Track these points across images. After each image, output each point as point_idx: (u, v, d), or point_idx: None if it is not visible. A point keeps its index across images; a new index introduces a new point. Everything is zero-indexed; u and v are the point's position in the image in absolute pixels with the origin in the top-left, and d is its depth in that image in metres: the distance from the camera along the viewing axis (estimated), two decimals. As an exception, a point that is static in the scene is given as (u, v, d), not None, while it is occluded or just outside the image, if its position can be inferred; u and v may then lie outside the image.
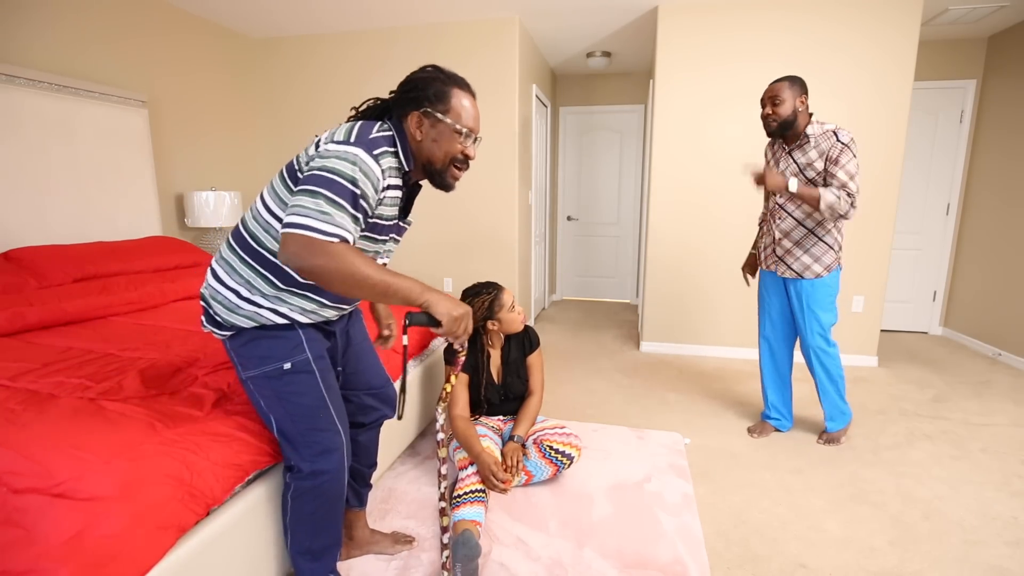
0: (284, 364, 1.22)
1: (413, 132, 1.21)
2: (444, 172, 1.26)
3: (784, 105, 2.14)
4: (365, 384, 1.52)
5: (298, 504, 1.25)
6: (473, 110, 1.26)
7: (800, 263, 2.25)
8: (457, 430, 1.97)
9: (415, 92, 1.22)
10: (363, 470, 1.60)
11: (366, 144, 1.12)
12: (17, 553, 0.93)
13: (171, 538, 1.06)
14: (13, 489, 1.02)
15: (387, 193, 1.19)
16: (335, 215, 1.05)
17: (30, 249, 2.38)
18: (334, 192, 1.05)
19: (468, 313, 1.16)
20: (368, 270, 1.05)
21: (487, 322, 2.07)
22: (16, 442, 1.12)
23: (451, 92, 1.23)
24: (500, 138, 3.79)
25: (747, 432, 2.51)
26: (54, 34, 2.69)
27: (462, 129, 1.22)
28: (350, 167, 1.08)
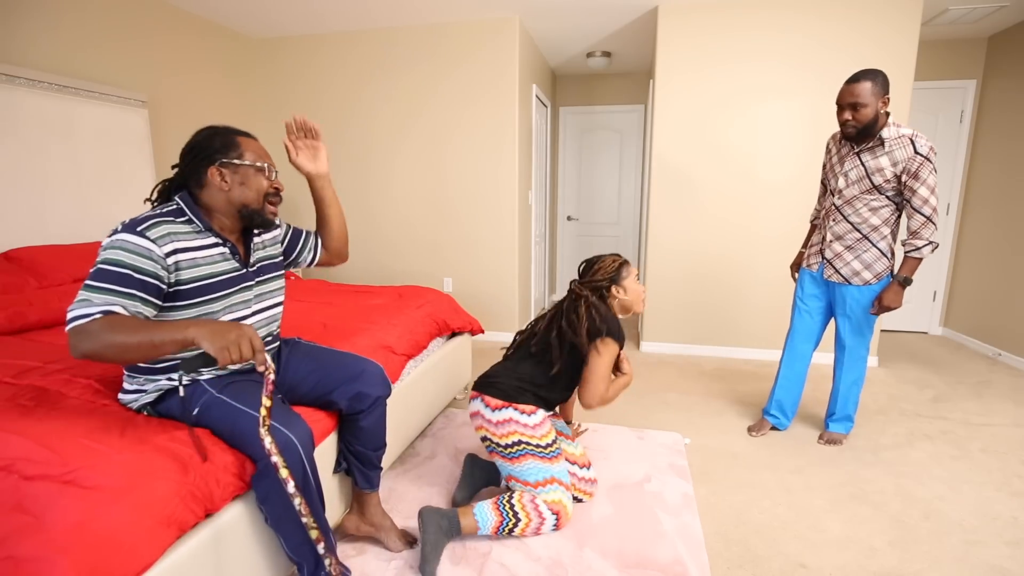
0: (194, 410, 1.29)
1: (219, 186, 1.30)
2: (261, 210, 1.36)
3: (867, 110, 1.96)
4: (337, 381, 1.53)
5: (269, 505, 1.25)
6: (260, 148, 1.38)
7: (849, 268, 2.18)
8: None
9: (202, 153, 1.31)
10: (369, 453, 1.62)
11: (132, 225, 1.20)
12: (25, 539, 0.93)
13: (171, 535, 1.07)
14: (25, 476, 1.03)
15: (195, 254, 1.27)
16: (94, 297, 1.11)
17: (30, 249, 2.38)
18: (96, 279, 1.13)
19: (244, 334, 1.10)
20: (124, 335, 1.08)
21: (612, 287, 1.82)
22: (30, 432, 1.14)
23: (235, 139, 1.33)
24: (500, 138, 3.79)
25: (747, 431, 2.51)
26: (54, 34, 2.69)
27: (262, 165, 1.34)
28: (113, 252, 1.16)
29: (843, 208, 2.17)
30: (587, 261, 1.90)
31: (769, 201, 3.46)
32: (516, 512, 1.66)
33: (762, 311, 3.58)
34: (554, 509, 1.69)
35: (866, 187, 2.09)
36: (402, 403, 2.06)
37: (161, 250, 1.20)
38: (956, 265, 4.14)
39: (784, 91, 3.33)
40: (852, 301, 2.21)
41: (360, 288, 2.88)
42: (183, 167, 1.34)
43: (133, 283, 1.15)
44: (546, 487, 1.70)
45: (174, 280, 1.24)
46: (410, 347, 2.17)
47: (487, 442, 1.76)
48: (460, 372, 2.72)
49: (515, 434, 1.70)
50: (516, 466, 1.71)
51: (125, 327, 1.09)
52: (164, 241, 1.21)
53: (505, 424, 1.71)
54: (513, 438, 1.70)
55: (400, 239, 4.15)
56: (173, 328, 1.11)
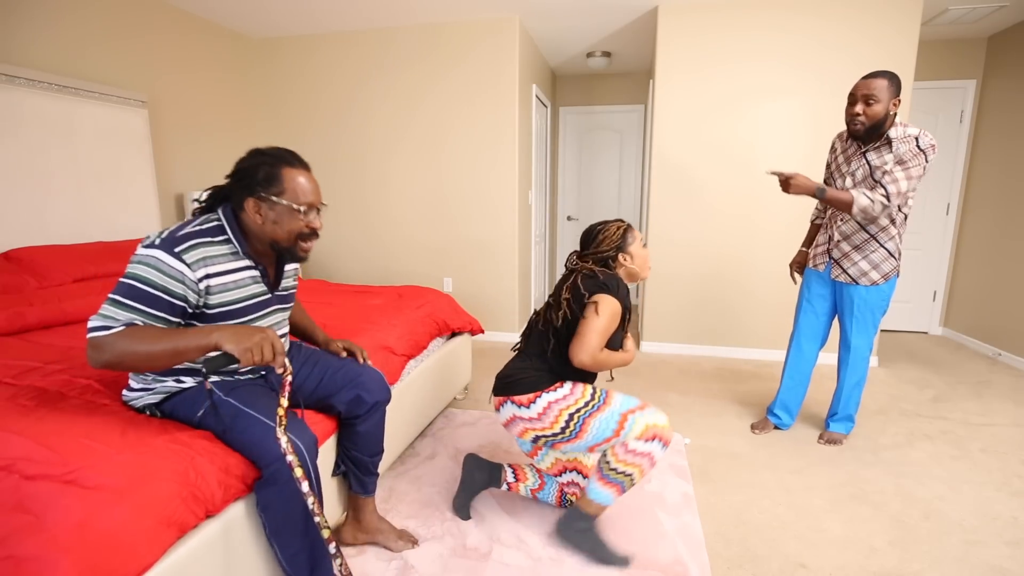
0: (199, 411, 1.29)
1: (253, 217, 1.27)
2: (292, 248, 1.32)
3: (879, 105, 1.96)
4: (337, 386, 1.53)
5: (269, 514, 1.25)
6: (309, 183, 1.30)
7: (857, 268, 2.17)
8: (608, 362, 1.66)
9: (245, 179, 1.27)
10: (365, 459, 1.61)
11: (169, 243, 1.18)
12: (26, 539, 0.93)
13: (172, 536, 1.07)
14: (26, 476, 1.03)
15: (225, 278, 1.25)
16: (119, 314, 1.12)
17: (30, 249, 2.38)
18: (128, 296, 1.14)
19: (265, 337, 1.14)
20: (147, 344, 1.10)
21: (619, 255, 1.74)
22: (31, 432, 1.14)
23: (280, 173, 1.27)
24: (500, 138, 3.79)
25: (750, 428, 2.51)
26: (54, 34, 2.69)
27: (299, 208, 1.27)
28: (144, 269, 1.15)
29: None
30: (588, 230, 1.78)
31: (769, 201, 3.46)
32: (622, 471, 1.57)
33: (762, 311, 3.58)
34: (648, 437, 1.55)
35: (871, 186, 2.08)
36: (402, 403, 2.06)
37: (195, 275, 1.19)
38: (956, 265, 4.14)
39: (784, 91, 3.33)
40: (859, 301, 2.21)
41: (360, 288, 2.88)
42: (230, 185, 1.30)
43: (161, 305, 1.16)
44: (625, 427, 1.56)
45: (203, 303, 1.24)
46: (410, 347, 2.17)
47: (541, 440, 1.66)
48: (460, 372, 2.72)
49: (562, 412, 1.60)
50: (587, 437, 1.59)
51: (146, 337, 1.11)
52: (199, 266, 1.20)
53: (547, 411, 1.61)
54: (563, 417, 1.60)
55: (400, 239, 4.15)
56: (197, 334, 1.13)
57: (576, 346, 1.59)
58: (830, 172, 2.32)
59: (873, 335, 2.26)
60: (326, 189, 4.20)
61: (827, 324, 2.38)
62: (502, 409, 1.69)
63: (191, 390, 1.33)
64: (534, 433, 1.65)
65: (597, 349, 1.58)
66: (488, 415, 2.66)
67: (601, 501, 1.61)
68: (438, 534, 1.74)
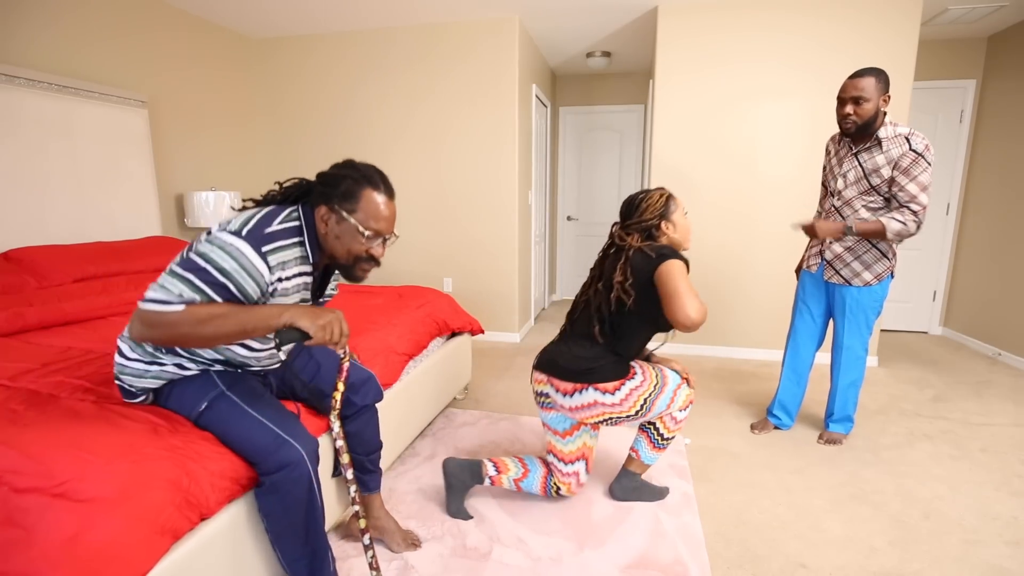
0: (200, 405, 1.26)
1: (319, 224, 1.25)
2: (350, 268, 1.29)
3: (868, 104, 1.96)
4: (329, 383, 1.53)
5: (271, 521, 1.25)
6: (386, 210, 1.26)
7: (849, 269, 2.18)
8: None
9: (328, 186, 1.24)
10: (360, 458, 1.61)
11: (257, 239, 1.15)
12: (16, 554, 0.92)
13: (166, 543, 1.05)
14: (15, 488, 1.01)
15: (287, 283, 1.23)
16: (183, 290, 1.09)
17: (30, 249, 2.38)
18: (199, 278, 1.10)
19: (337, 318, 1.16)
20: (213, 327, 1.09)
21: (662, 223, 1.73)
22: (19, 442, 1.11)
23: (362, 192, 1.24)
24: (500, 138, 3.79)
25: (750, 429, 2.51)
26: (54, 34, 2.69)
27: (365, 232, 1.24)
28: (229, 261, 1.11)
29: (843, 209, 2.17)
30: (629, 200, 1.77)
31: (769, 201, 3.45)
32: (669, 437, 1.84)
33: (762, 311, 3.58)
34: (686, 406, 1.82)
35: (864, 188, 2.09)
36: (402, 403, 2.06)
37: (272, 276, 1.18)
38: (956, 265, 4.14)
39: (784, 91, 3.33)
40: (851, 302, 2.21)
41: (360, 288, 2.88)
42: (316, 184, 1.28)
43: (226, 293, 1.13)
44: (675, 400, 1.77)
45: (261, 301, 1.21)
46: (410, 347, 2.17)
47: (611, 421, 1.75)
48: (460, 372, 2.72)
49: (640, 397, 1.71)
50: (651, 414, 1.77)
51: (212, 318, 1.09)
52: (277, 269, 1.18)
53: (628, 397, 1.70)
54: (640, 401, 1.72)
55: (400, 239, 4.14)
56: (267, 314, 1.12)
57: (677, 310, 1.53)
58: (825, 175, 2.33)
59: (867, 336, 2.26)
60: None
61: (823, 325, 2.39)
62: (579, 395, 1.71)
63: (193, 382, 1.29)
64: (609, 415, 1.73)
65: (699, 305, 1.54)
66: (488, 415, 2.66)
67: (652, 462, 1.90)
68: (438, 534, 1.74)
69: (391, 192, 1.30)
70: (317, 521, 1.29)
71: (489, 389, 3.05)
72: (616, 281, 1.65)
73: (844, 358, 2.29)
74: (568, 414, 1.77)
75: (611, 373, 1.69)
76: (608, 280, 1.70)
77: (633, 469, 1.92)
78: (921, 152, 1.96)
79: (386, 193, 1.28)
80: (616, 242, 1.75)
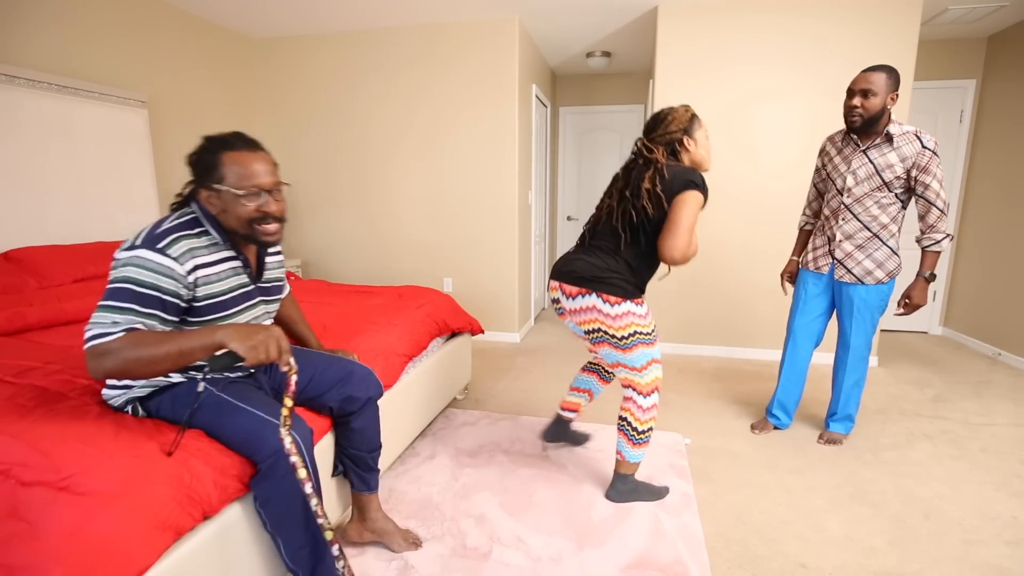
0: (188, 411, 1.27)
1: (210, 209, 1.25)
2: (252, 234, 1.27)
3: (876, 99, 1.98)
4: (328, 384, 1.53)
5: (269, 509, 1.25)
6: (253, 163, 1.24)
7: (861, 268, 2.17)
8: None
9: (195, 172, 1.25)
10: (363, 455, 1.61)
11: (151, 240, 1.16)
12: (19, 547, 0.92)
13: (168, 539, 1.06)
14: (21, 482, 1.02)
15: (210, 270, 1.24)
16: (115, 317, 1.10)
17: (30, 249, 2.38)
18: (120, 300, 1.11)
19: (272, 335, 1.13)
20: (151, 348, 1.09)
21: (685, 138, 1.76)
22: (28, 436, 1.13)
23: (219, 159, 1.22)
24: (500, 138, 3.79)
25: (750, 428, 2.52)
26: (54, 34, 2.69)
27: (240, 192, 1.22)
28: (136, 271, 1.13)
29: (853, 207, 2.16)
30: (655, 114, 1.80)
31: (768, 201, 3.45)
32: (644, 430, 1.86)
33: (762, 311, 3.58)
34: (651, 390, 1.83)
35: (876, 184, 2.09)
36: (402, 403, 2.06)
37: (183, 268, 1.18)
38: (956, 265, 4.14)
39: (784, 92, 3.33)
40: (860, 301, 2.21)
41: (360, 288, 2.88)
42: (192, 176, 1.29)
43: (153, 303, 1.14)
44: (645, 371, 1.81)
45: (192, 297, 1.22)
46: (410, 347, 2.17)
47: (599, 334, 1.79)
48: (460, 372, 2.72)
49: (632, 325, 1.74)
50: (626, 356, 1.79)
51: (149, 341, 1.09)
52: (185, 258, 1.18)
53: (624, 317, 1.74)
54: (630, 329, 1.75)
55: (400, 239, 4.15)
56: (200, 335, 1.12)
57: (670, 243, 1.62)
58: (822, 177, 2.33)
59: (872, 335, 2.26)
60: (326, 188, 4.20)
61: (823, 324, 2.39)
62: (582, 298, 1.77)
63: (179, 387, 1.30)
64: (600, 327, 1.77)
65: (687, 246, 1.62)
66: (488, 415, 2.66)
67: (637, 460, 1.91)
68: (438, 534, 1.74)
69: (252, 144, 1.27)
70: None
71: (489, 389, 3.05)
72: (644, 188, 1.68)
73: (850, 358, 2.28)
74: (570, 317, 1.84)
75: (619, 290, 1.73)
76: (636, 188, 1.72)
77: (623, 471, 1.93)
78: (934, 149, 2.00)
79: (246, 148, 1.25)
80: (644, 154, 1.77)
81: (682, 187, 1.64)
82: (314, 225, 4.31)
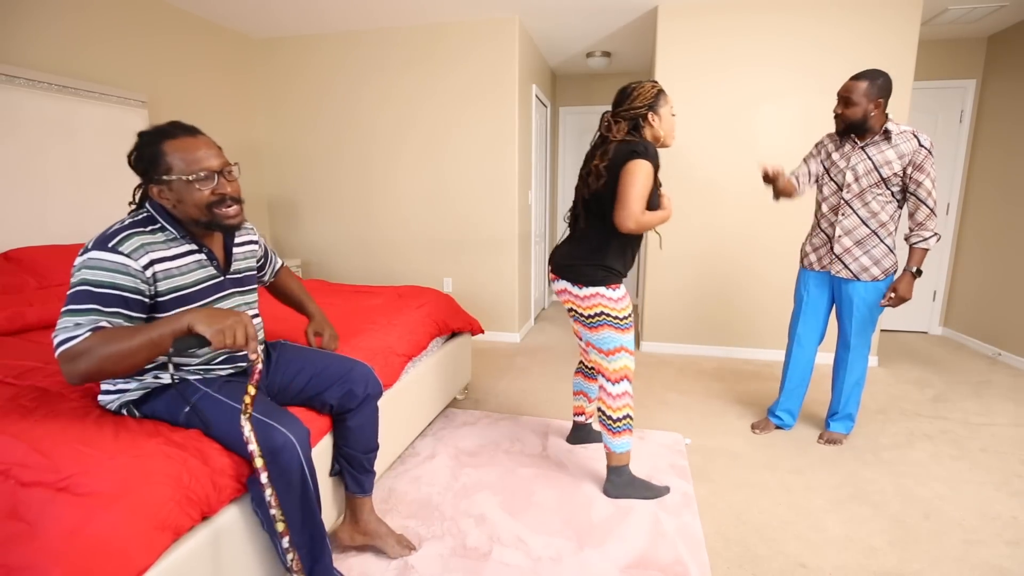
0: (184, 408, 1.26)
1: (164, 204, 1.24)
2: (213, 220, 1.26)
3: (856, 108, 2.06)
4: (327, 381, 1.53)
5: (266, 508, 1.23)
6: (197, 146, 1.23)
7: (858, 264, 2.19)
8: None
9: (139, 168, 1.25)
10: (358, 456, 1.59)
11: (102, 242, 1.16)
12: (18, 547, 0.92)
13: (167, 540, 1.06)
14: (21, 482, 1.02)
15: (171, 264, 1.23)
16: (79, 319, 1.09)
17: (30, 249, 2.38)
18: (80, 303, 1.11)
19: (240, 321, 1.11)
20: (123, 342, 1.07)
21: (649, 114, 1.80)
22: (29, 436, 1.13)
23: (161, 148, 1.21)
24: (500, 138, 3.79)
25: (751, 428, 2.52)
26: (54, 34, 2.69)
27: (191, 177, 1.20)
28: (92, 272, 1.13)
29: (853, 202, 2.18)
30: (623, 88, 1.85)
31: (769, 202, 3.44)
32: (620, 417, 1.92)
33: (762, 311, 3.58)
34: (619, 378, 1.90)
35: (875, 180, 2.12)
36: (402, 403, 2.06)
37: (138, 263, 1.17)
38: (956, 265, 4.14)
39: (784, 93, 3.33)
40: (858, 299, 2.22)
41: (360, 288, 2.88)
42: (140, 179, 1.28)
43: (115, 301, 1.13)
44: (612, 357, 1.89)
45: (153, 292, 1.20)
46: (410, 347, 2.17)
47: (573, 313, 1.94)
48: (460, 372, 2.72)
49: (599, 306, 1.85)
50: (592, 335, 1.90)
51: (119, 336, 1.08)
52: (139, 254, 1.17)
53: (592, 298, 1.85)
54: (596, 309, 1.85)
55: (400, 239, 4.15)
56: (169, 321, 1.09)
57: (620, 214, 1.72)
58: (819, 163, 2.32)
59: (871, 333, 2.27)
60: (327, 188, 4.20)
61: (825, 322, 2.40)
62: (559, 282, 1.94)
63: (172, 388, 1.30)
64: (572, 307, 1.92)
65: (640, 213, 1.71)
66: (488, 415, 2.66)
67: (625, 449, 1.94)
68: (438, 534, 1.74)
69: (191, 130, 1.26)
70: (313, 507, 1.29)
71: (489, 389, 3.05)
72: (593, 165, 1.78)
73: (851, 357, 2.29)
74: (558, 298, 1.97)
75: (586, 277, 1.84)
76: (588, 167, 1.82)
77: (613, 463, 1.97)
78: (930, 149, 2.04)
79: (186, 133, 1.25)
80: (603, 132, 1.85)
81: (625, 158, 1.71)
82: (314, 225, 4.31)
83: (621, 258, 1.87)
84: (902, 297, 2.13)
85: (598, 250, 1.84)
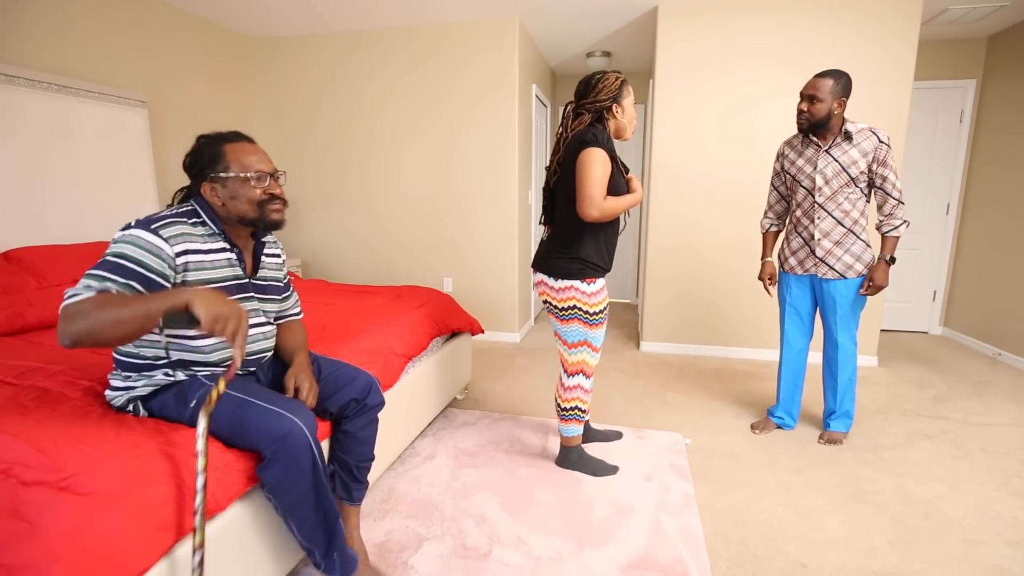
0: (191, 403, 1.27)
1: (213, 201, 1.32)
2: (261, 218, 1.35)
3: (822, 105, 2.08)
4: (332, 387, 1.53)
5: (279, 493, 1.25)
6: (256, 153, 1.35)
7: (842, 263, 2.22)
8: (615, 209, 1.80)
9: (194, 168, 1.33)
10: (351, 462, 1.57)
11: (147, 223, 1.21)
12: (19, 547, 0.92)
13: (168, 539, 1.06)
14: (22, 481, 1.02)
15: (203, 256, 1.28)
16: (91, 282, 1.11)
17: (30, 249, 2.38)
18: (104, 269, 1.13)
19: (237, 315, 1.09)
20: (118, 308, 1.04)
21: (614, 106, 1.84)
22: (30, 436, 1.13)
23: (223, 149, 1.32)
24: (500, 138, 3.79)
25: (750, 428, 2.52)
26: (53, 33, 2.69)
27: (249, 174, 1.31)
28: (126, 246, 1.17)
29: (826, 204, 2.21)
30: (586, 79, 1.87)
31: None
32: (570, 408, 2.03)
33: (761, 311, 3.58)
34: (575, 371, 2.00)
35: (844, 180, 2.16)
36: (402, 403, 2.06)
37: (172, 249, 1.21)
38: (956, 265, 4.14)
39: (783, 93, 3.33)
40: (840, 297, 2.26)
41: (360, 288, 2.88)
42: (190, 177, 1.36)
43: (137, 278, 1.15)
44: (574, 350, 1.98)
45: (180, 281, 1.24)
46: (410, 347, 2.17)
47: (548, 305, 1.98)
48: (460, 372, 2.72)
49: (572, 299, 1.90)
50: (562, 327, 1.97)
51: (117, 302, 1.06)
52: (176, 241, 1.23)
53: (566, 291, 1.90)
54: (570, 303, 1.91)
55: (400, 239, 4.15)
56: (170, 294, 1.07)
57: (581, 204, 1.74)
58: (783, 180, 2.36)
59: (855, 330, 2.30)
60: (326, 188, 4.21)
61: (812, 322, 2.43)
62: (536, 275, 2.00)
63: (181, 385, 1.30)
64: (545, 297, 1.97)
65: (600, 199, 1.73)
66: (488, 415, 2.66)
67: (573, 434, 2.08)
68: (438, 534, 1.74)
69: (248, 138, 1.38)
70: (324, 486, 1.31)
71: (489, 389, 3.05)
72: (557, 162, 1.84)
73: (840, 355, 2.31)
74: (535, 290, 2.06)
75: (558, 269, 1.90)
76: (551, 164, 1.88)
77: (563, 444, 2.12)
78: (888, 143, 2.11)
79: (244, 139, 1.36)
80: (562, 129, 1.89)
81: (577, 149, 1.75)
82: (314, 225, 4.31)
83: (596, 250, 1.89)
84: (879, 285, 2.18)
85: (572, 243, 1.87)
